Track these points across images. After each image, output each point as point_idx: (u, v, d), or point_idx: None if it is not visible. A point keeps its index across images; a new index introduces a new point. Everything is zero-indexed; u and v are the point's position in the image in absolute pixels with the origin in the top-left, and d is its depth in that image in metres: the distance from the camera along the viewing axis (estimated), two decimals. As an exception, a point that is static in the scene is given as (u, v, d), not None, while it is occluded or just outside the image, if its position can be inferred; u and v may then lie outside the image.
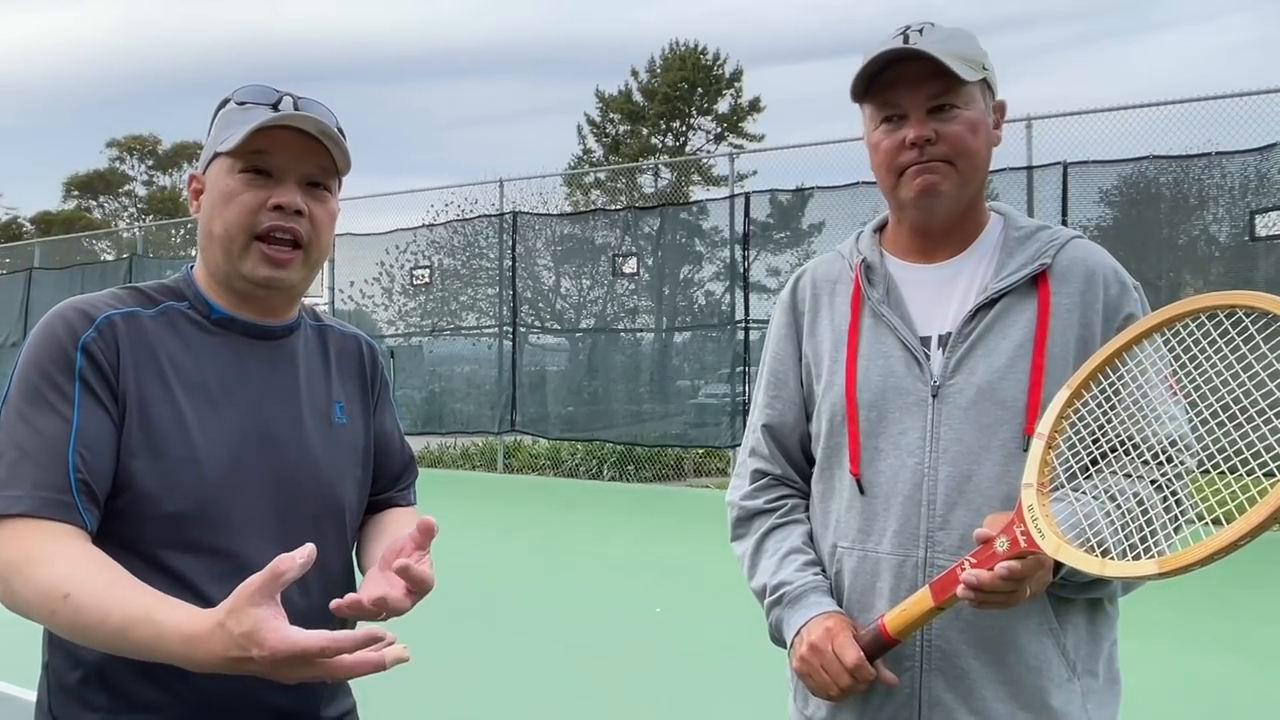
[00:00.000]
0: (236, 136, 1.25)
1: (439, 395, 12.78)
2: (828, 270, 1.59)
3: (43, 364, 1.21)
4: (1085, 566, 1.17)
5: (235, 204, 1.28)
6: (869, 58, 1.41)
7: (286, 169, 1.29)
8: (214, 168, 1.31)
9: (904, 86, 1.40)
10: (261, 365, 1.34)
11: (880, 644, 1.34)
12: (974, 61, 1.41)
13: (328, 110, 1.34)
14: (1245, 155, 8.05)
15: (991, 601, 1.25)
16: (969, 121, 1.40)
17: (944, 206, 1.45)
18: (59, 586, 1.09)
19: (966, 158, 1.41)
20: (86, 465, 1.18)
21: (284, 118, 1.26)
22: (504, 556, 6.94)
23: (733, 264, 10.61)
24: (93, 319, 1.24)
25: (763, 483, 1.60)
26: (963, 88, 1.39)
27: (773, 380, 1.61)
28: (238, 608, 1.01)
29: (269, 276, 1.30)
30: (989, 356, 1.41)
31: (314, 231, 1.31)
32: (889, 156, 1.43)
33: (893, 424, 1.44)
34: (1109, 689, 1.44)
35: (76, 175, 42.15)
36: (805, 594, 1.46)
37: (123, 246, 19.02)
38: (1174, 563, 1.11)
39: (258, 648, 1.00)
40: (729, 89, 30.96)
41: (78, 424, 1.18)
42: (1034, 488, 1.26)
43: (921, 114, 1.40)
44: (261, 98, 1.30)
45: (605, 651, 4.82)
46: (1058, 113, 8.92)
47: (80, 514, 1.16)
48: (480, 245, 12.68)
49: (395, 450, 1.53)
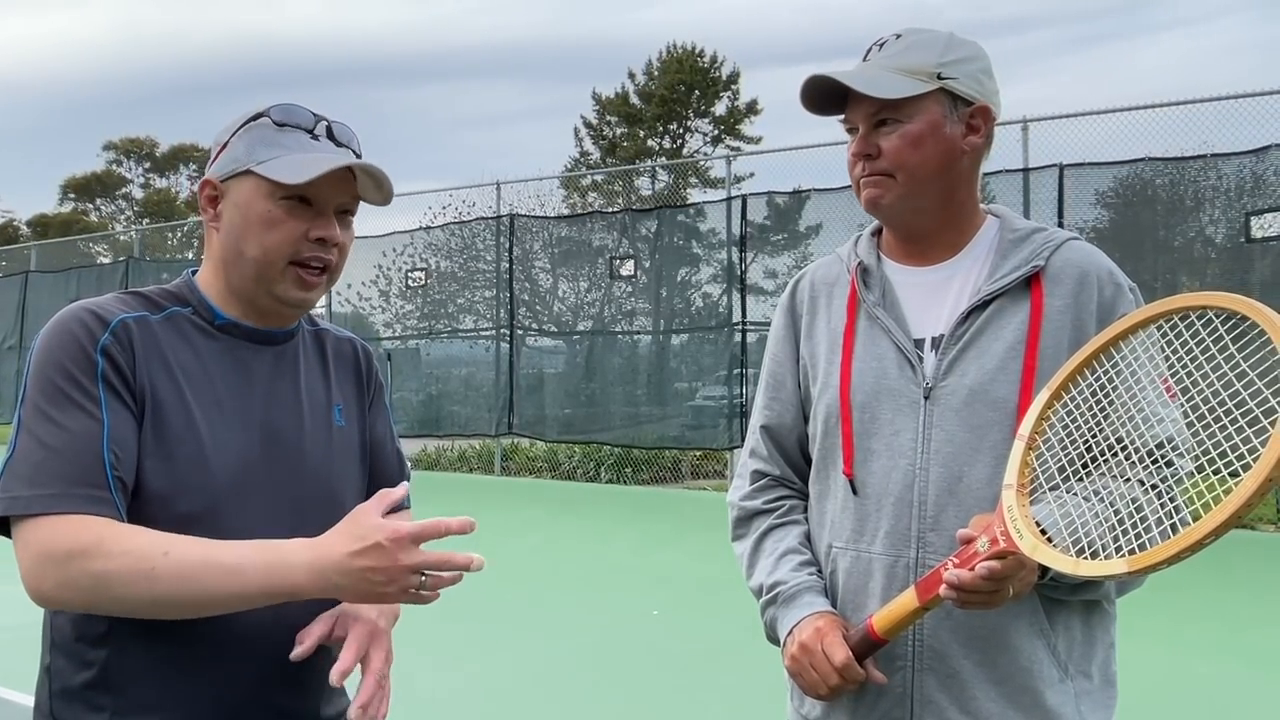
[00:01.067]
0: (299, 171, 1.26)
1: (436, 398, 12.78)
2: (826, 273, 1.61)
3: (64, 365, 1.21)
4: (1060, 566, 1.19)
5: (278, 232, 1.29)
6: (803, 81, 1.47)
7: (327, 200, 1.32)
8: (245, 185, 1.30)
9: (853, 102, 1.46)
10: (264, 369, 1.36)
11: (869, 644, 1.35)
12: (923, 73, 1.42)
13: (354, 134, 1.38)
14: (1241, 157, 8.08)
15: (973, 601, 1.26)
16: (909, 135, 1.42)
17: (894, 216, 1.49)
18: (156, 545, 1.14)
19: (905, 170, 1.43)
20: (120, 463, 1.20)
21: (349, 162, 1.30)
22: (501, 559, 6.91)
23: (730, 266, 10.62)
24: (107, 322, 1.25)
25: (762, 483, 1.62)
26: (906, 102, 1.42)
27: (771, 382, 1.63)
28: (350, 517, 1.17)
29: (301, 298, 1.33)
30: (981, 358, 1.41)
31: (339, 257, 1.35)
32: (850, 166, 1.50)
33: (885, 425, 1.45)
34: (1104, 691, 1.44)
35: (73, 178, 42.16)
36: (799, 594, 1.48)
37: (119, 249, 19.03)
38: (1143, 561, 1.12)
39: (381, 532, 1.12)
40: (726, 91, 31.01)
41: (109, 423, 1.20)
42: (1014, 488, 1.27)
43: (868, 128, 1.45)
44: (299, 120, 1.32)
45: (602, 654, 4.83)
46: (1054, 115, 8.95)
47: (118, 509, 1.18)
48: (478, 248, 12.70)
49: (388, 454, 1.54)
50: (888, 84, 1.41)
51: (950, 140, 1.44)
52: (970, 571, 1.23)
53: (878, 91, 1.41)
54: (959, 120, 1.45)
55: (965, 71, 1.44)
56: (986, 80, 1.47)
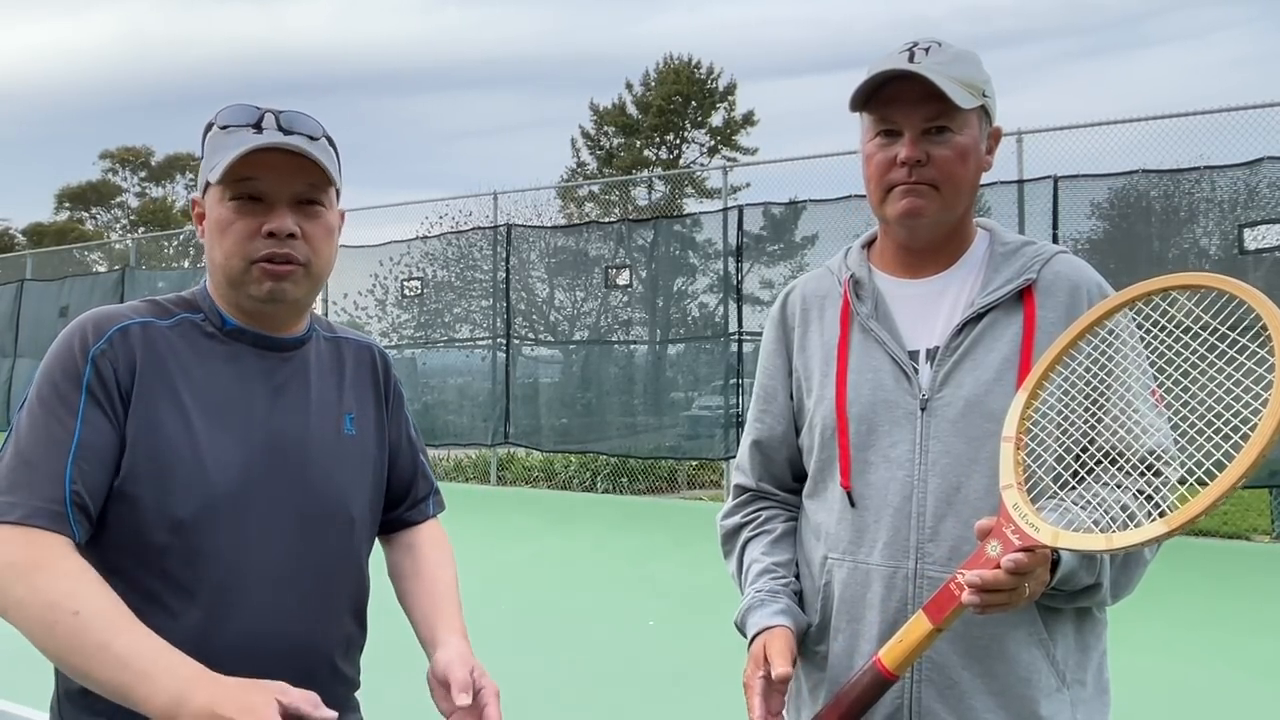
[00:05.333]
0: (221, 166, 1.26)
1: (432, 407, 12.75)
2: (817, 286, 1.61)
3: (54, 375, 1.24)
4: (1090, 545, 1.18)
5: (230, 234, 1.28)
6: (872, 73, 1.41)
7: (276, 192, 1.28)
8: (209, 195, 1.32)
9: (902, 104, 1.41)
10: (271, 376, 1.35)
11: (881, 684, 1.30)
12: (974, 87, 1.42)
13: (312, 121, 1.33)
14: (1234, 169, 8.11)
15: (995, 602, 1.23)
16: (960, 148, 1.42)
17: (925, 229, 1.47)
18: (73, 599, 1.11)
19: (952, 184, 1.42)
20: (83, 477, 1.19)
21: (264, 141, 1.26)
22: (497, 569, 6.92)
23: (726, 276, 10.64)
24: (105, 330, 1.26)
25: (743, 498, 1.65)
26: (959, 113, 1.40)
27: (762, 395, 1.64)
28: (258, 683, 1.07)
29: (272, 289, 1.30)
30: (976, 370, 1.42)
31: (311, 250, 1.32)
32: (880, 171, 1.45)
33: (882, 437, 1.45)
34: (1098, 699, 1.45)
35: (69, 186, 42.12)
36: (749, 611, 1.50)
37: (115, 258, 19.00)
38: (1182, 516, 1.12)
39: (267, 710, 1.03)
40: (723, 102, 31.10)
41: (79, 436, 1.20)
42: (1014, 487, 1.27)
43: (916, 134, 1.41)
44: (243, 118, 1.29)
45: (598, 664, 4.81)
46: (1049, 127, 8.99)
47: (71, 526, 1.18)
48: (474, 257, 12.70)
49: (405, 462, 1.54)
50: (956, 92, 1.38)
51: (981, 158, 1.46)
52: (993, 570, 1.21)
53: (956, 98, 1.38)
54: (985, 139, 1.47)
55: (992, 91, 1.46)
56: (996, 103, 1.49)
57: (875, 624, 1.42)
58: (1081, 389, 1.34)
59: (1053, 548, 1.21)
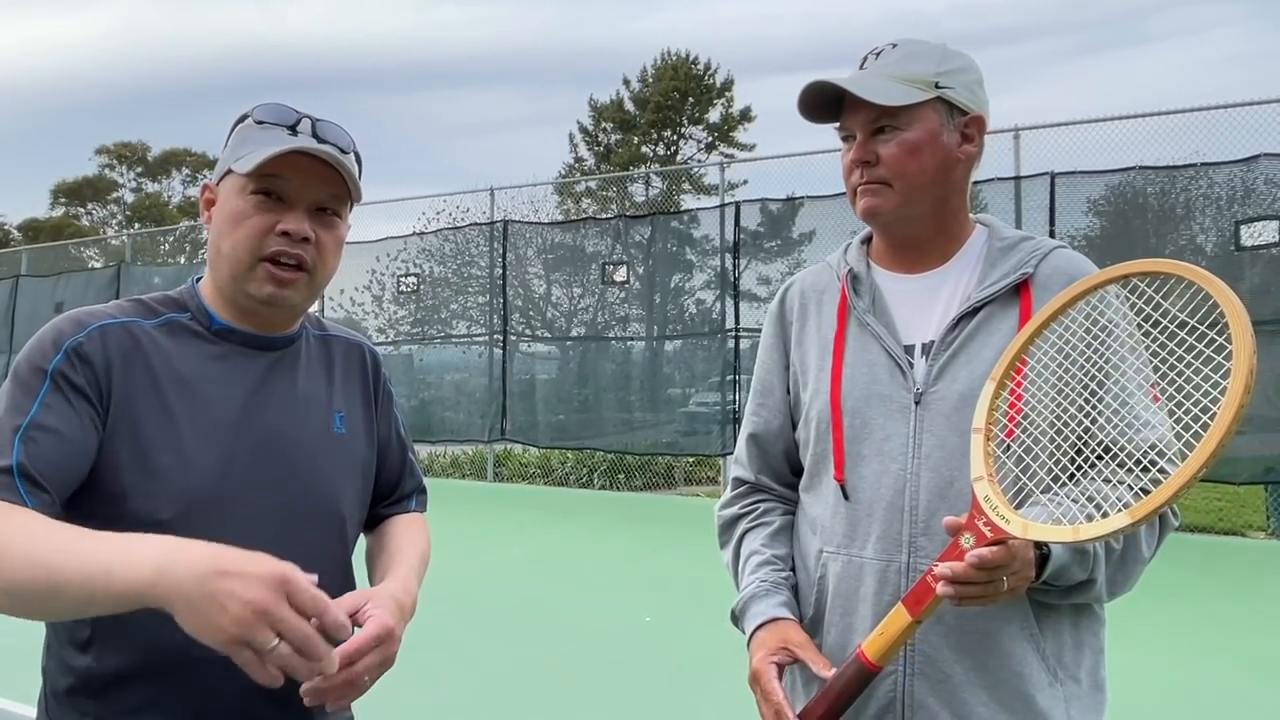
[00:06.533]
0: (252, 159, 1.26)
1: (429, 403, 12.75)
2: (816, 281, 1.62)
3: (22, 366, 1.23)
4: (1058, 537, 1.18)
5: (244, 226, 1.28)
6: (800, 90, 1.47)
7: (297, 195, 1.29)
8: (226, 183, 1.32)
9: (851, 109, 1.47)
10: (258, 376, 1.35)
11: (865, 676, 1.31)
12: (921, 82, 1.43)
13: (346, 135, 1.35)
14: (1231, 166, 8.12)
15: (970, 594, 1.23)
16: (908, 143, 1.43)
17: (892, 225, 1.50)
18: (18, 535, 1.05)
19: (904, 179, 1.44)
20: (33, 454, 1.15)
21: (300, 144, 1.27)
22: (494, 566, 6.93)
23: (723, 273, 10.64)
24: (85, 326, 1.25)
25: (741, 490, 1.66)
26: (904, 110, 1.42)
27: (759, 389, 1.65)
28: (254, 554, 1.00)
29: (272, 294, 1.30)
30: (971, 364, 1.42)
31: (319, 257, 1.32)
32: (845, 174, 1.51)
33: (876, 430, 1.46)
34: (1092, 695, 1.44)
35: (64, 182, 42.04)
36: (749, 603, 1.52)
37: (110, 254, 18.95)
38: (1144, 508, 1.12)
39: (274, 569, 0.98)
40: (720, 99, 31.09)
41: (32, 416, 1.17)
42: (984, 479, 1.27)
43: (865, 135, 1.46)
44: (280, 118, 1.31)
45: (595, 660, 4.82)
46: (1045, 123, 8.99)
47: (22, 495, 1.12)
48: (471, 253, 12.68)
49: (394, 460, 1.54)
50: (888, 91, 1.42)
51: (946, 149, 1.46)
52: (962, 562, 1.21)
53: (879, 98, 1.42)
54: (955, 130, 1.46)
55: (960, 82, 1.46)
56: (979, 91, 1.49)
57: (868, 618, 1.42)
58: (1061, 378, 1.33)
59: (1022, 539, 1.21)
